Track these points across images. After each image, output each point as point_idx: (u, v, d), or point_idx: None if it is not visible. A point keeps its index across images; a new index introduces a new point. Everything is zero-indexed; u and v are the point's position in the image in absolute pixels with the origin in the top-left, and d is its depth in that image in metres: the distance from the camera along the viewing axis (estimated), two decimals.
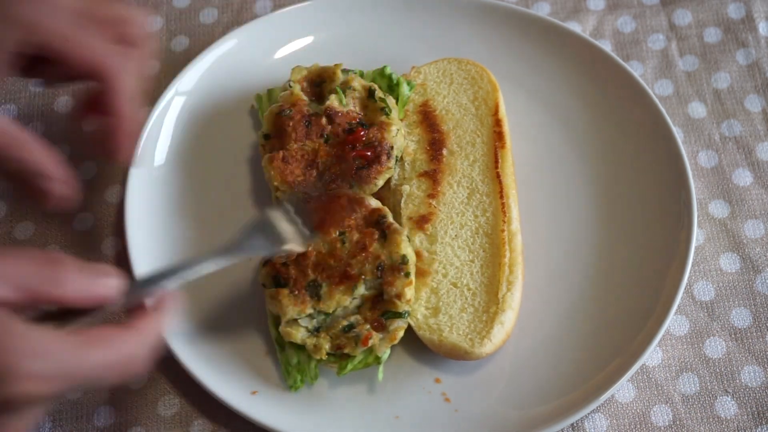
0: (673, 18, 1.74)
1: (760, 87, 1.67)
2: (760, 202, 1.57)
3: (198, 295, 1.48)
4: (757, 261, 1.53)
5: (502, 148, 1.53)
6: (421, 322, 1.41)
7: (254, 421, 1.38)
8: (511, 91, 1.63)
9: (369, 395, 1.43)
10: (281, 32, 1.68)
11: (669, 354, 1.47)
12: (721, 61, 1.70)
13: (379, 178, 1.47)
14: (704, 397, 1.44)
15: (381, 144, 1.47)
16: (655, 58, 1.71)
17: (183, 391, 1.46)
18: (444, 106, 1.59)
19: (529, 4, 1.76)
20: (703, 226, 1.56)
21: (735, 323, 1.49)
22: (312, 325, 1.38)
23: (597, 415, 1.43)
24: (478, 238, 1.48)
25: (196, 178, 1.58)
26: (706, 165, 1.61)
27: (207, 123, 1.62)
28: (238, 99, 1.64)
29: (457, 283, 1.44)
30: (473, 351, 1.38)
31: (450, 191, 1.51)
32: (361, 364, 1.38)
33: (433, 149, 1.54)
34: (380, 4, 1.69)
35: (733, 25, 1.72)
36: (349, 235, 1.41)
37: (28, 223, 1.60)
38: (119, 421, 1.45)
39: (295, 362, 1.40)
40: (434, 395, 1.42)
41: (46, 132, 1.68)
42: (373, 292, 1.39)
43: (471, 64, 1.62)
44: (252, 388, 1.42)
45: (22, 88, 1.72)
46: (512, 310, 1.41)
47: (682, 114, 1.65)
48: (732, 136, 1.63)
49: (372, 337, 1.36)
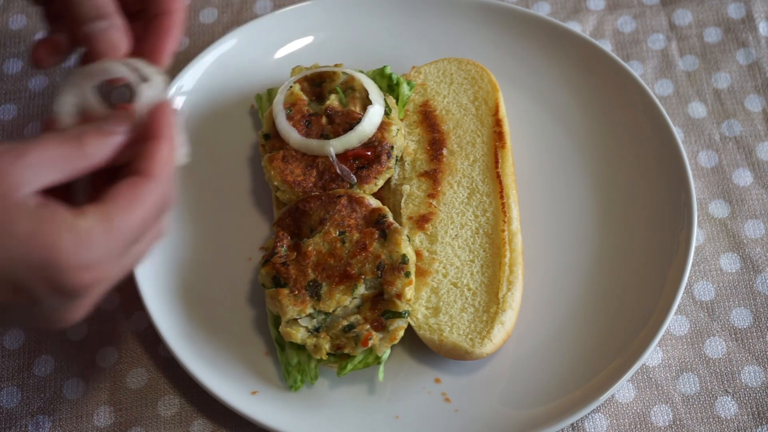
0: (673, 18, 1.74)
1: (760, 87, 1.67)
2: (760, 202, 1.57)
3: (198, 295, 1.48)
4: (757, 261, 1.53)
5: (503, 148, 1.53)
6: (422, 322, 1.41)
7: (254, 421, 1.38)
8: (512, 91, 1.63)
9: (369, 395, 1.43)
10: (281, 32, 1.68)
11: (669, 354, 1.47)
12: (722, 61, 1.70)
13: (379, 178, 1.47)
14: (704, 397, 1.44)
15: (381, 144, 1.47)
16: (655, 58, 1.71)
17: (183, 391, 1.46)
18: (444, 106, 1.59)
19: (529, 4, 1.76)
20: (703, 226, 1.56)
21: (735, 323, 1.49)
22: (312, 325, 1.38)
23: (597, 415, 1.43)
24: (478, 237, 1.48)
25: (196, 177, 1.58)
26: (706, 165, 1.61)
27: (207, 123, 1.62)
28: (238, 99, 1.64)
29: (458, 283, 1.44)
30: (473, 351, 1.38)
31: (450, 191, 1.51)
32: (361, 364, 1.38)
33: (433, 149, 1.54)
34: (380, 4, 1.69)
35: (733, 25, 1.72)
36: (350, 235, 1.41)
37: None
38: (119, 421, 1.45)
39: (295, 362, 1.40)
40: (434, 395, 1.42)
41: None
42: (373, 291, 1.39)
43: (471, 64, 1.62)
44: (252, 388, 1.42)
45: (22, 88, 1.72)
46: (512, 310, 1.41)
47: (682, 114, 1.65)
48: (732, 136, 1.63)
49: (372, 337, 1.36)
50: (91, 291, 1.04)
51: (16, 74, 1.74)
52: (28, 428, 1.46)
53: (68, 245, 1.00)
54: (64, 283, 1.01)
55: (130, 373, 1.48)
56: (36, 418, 1.46)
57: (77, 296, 1.03)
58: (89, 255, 1.01)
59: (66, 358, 1.50)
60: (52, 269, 1.00)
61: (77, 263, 1.00)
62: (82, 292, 1.03)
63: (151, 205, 1.07)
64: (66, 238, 1.00)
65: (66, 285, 1.01)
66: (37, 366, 1.50)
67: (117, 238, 1.03)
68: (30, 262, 0.99)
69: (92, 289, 1.04)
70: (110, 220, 1.03)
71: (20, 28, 1.78)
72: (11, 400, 1.47)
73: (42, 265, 0.99)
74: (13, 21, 1.79)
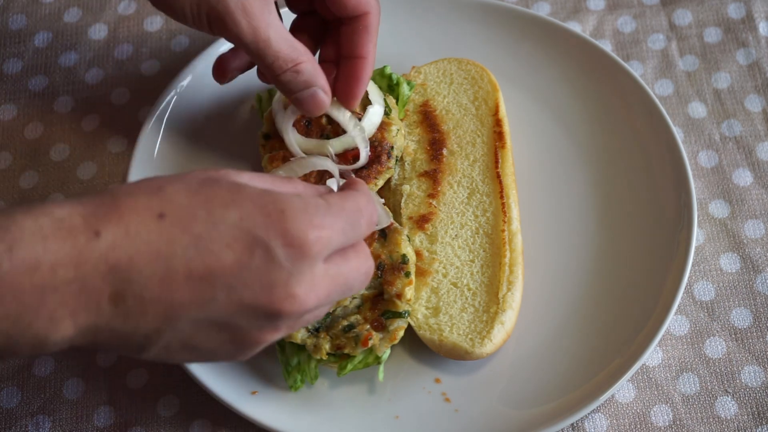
0: (673, 18, 1.74)
1: (760, 87, 1.67)
2: (760, 202, 1.57)
3: None
4: (757, 261, 1.53)
5: (503, 148, 1.53)
6: (422, 322, 1.41)
7: (254, 421, 1.38)
8: (512, 91, 1.63)
9: (369, 395, 1.43)
10: None
11: (669, 354, 1.47)
12: (722, 61, 1.70)
13: (379, 178, 1.47)
14: (704, 397, 1.44)
15: (381, 144, 1.47)
16: (655, 58, 1.71)
17: (183, 391, 1.46)
18: (444, 106, 1.59)
19: (529, 4, 1.76)
20: (703, 226, 1.56)
21: (735, 323, 1.49)
22: (312, 325, 1.38)
23: (597, 415, 1.43)
24: (478, 237, 1.48)
25: None
26: (706, 165, 1.61)
27: (207, 123, 1.62)
28: (238, 99, 1.64)
29: (458, 283, 1.44)
30: (473, 351, 1.38)
31: (450, 191, 1.51)
32: (362, 364, 1.38)
33: (433, 149, 1.54)
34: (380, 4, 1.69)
35: (733, 25, 1.72)
36: None
37: None
38: (119, 421, 1.45)
39: (295, 362, 1.40)
40: (434, 395, 1.42)
41: (46, 132, 1.68)
42: (373, 291, 1.39)
43: (471, 64, 1.62)
44: (252, 388, 1.42)
45: (22, 88, 1.72)
46: (512, 310, 1.41)
47: (682, 114, 1.65)
48: (732, 136, 1.63)
49: (372, 337, 1.36)
50: (317, 260, 1.05)
51: (16, 74, 1.74)
52: (28, 428, 1.46)
53: (297, 201, 1.04)
54: (295, 234, 1.02)
55: (130, 373, 1.48)
56: (36, 418, 1.46)
57: (307, 257, 1.03)
58: (315, 213, 1.04)
59: (66, 358, 1.50)
60: (284, 217, 1.02)
61: (307, 218, 1.03)
62: (314, 250, 1.03)
63: (359, 202, 1.12)
64: (294, 198, 1.05)
65: (297, 236, 1.02)
66: (37, 366, 1.50)
67: (334, 213, 1.07)
68: (263, 211, 1.02)
69: (318, 257, 1.05)
70: (327, 200, 1.08)
71: (20, 28, 1.78)
72: (11, 400, 1.47)
73: (275, 214, 1.02)
74: (13, 21, 1.79)
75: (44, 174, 1.65)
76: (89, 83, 1.73)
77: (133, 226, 0.98)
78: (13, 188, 1.64)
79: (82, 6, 1.80)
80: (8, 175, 1.65)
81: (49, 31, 1.77)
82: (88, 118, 1.70)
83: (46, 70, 1.74)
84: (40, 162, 1.66)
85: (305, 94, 1.38)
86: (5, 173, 1.65)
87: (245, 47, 1.33)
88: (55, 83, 1.73)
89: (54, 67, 1.74)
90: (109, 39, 1.76)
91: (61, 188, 1.63)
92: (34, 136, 1.68)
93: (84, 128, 1.69)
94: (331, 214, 1.06)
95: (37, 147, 1.67)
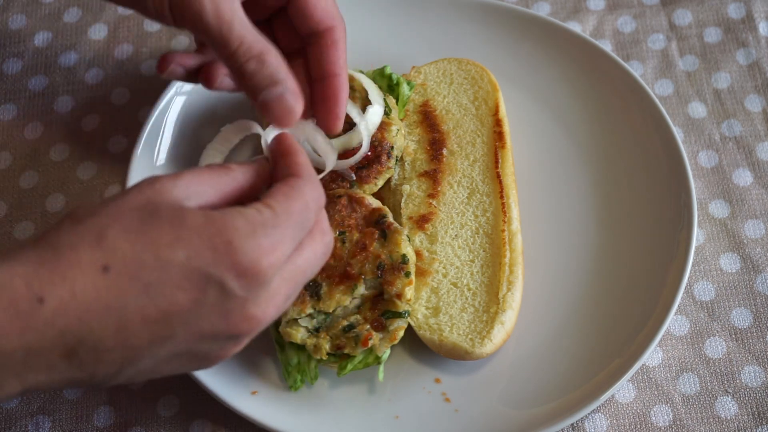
0: (673, 18, 1.74)
1: (760, 87, 1.67)
2: (760, 202, 1.57)
3: None
4: (757, 261, 1.53)
5: (503, 148, 1.53)
6: (422, 322, 1.41)
7: (254, 421, 1.38)
8: (512, 91, 1.63)
9: (369, 395, 1.43)
10: None
11: (669, 354, 1.47)
12: (721, 61, 1.70)
13: (379, 178, 1.47)
14: (704, 397, 1.44)
15: (381, 144, 1.47)
16: (655, 58, 1.71)
17: (183, 391, 1.46)
18: (444, 106, 1.59)
19: (529, 4, 1.76)
20: (703, 226, 1.56)
21: (735, 323, 1.49)
22: (312, 325, 1.38)
23: (597, 415, 1.43)
24: (478, 237, 1.48)
25: None
26: (706, 165, 1.61)
27: (207, 123, 1.62)
28: (238, 99, 1.64)
29: (458, 283, 1.44)
30: (473, 351, 1.38)
31: (450, 191, 1.51)
32: (361, 364, 1.38)
33: (433, 149, 1.54)
34: (380, 4, 1.69)
35: (733, 25, 1.72)
36: (349, 235, 1.41)
37: (27, 223, 1.61)
38: (119, 421, 1.45)
39: (295, 362, 1.40)
40: (434, 395, 1.42)
41: (46, 132, 1.68)
42: (373, 291, 1.39)
43: (471, 64, 1.62)
44: (252, 388, 1.42)
45: (22, 88, 1.72)
46: (512, 310, 1.41)
47: (682, 114, 1.65)
48: (732, 136, 1.63)
49: (372, 337, 1.36)
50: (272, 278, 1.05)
51: (16, 74, 1.74)
52: (28, 428, 1.45)
53: (242, 225, 1.03)
54: (246, 265, 1.02)
55: None
56: (36, 418, 1.46)
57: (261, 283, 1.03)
58: (263, 234, 1.03)
59: None
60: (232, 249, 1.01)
61: (255, 244, 1.02)
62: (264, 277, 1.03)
63: (305, 196, 1.10)
64: (238, 219, 1.03)
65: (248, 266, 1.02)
66: None
67: (282, 223, 1.06)
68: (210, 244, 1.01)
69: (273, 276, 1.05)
70: (272, 207, 1.06)
71: (20, 27, 1.78)
72: (11, 400, 1.47)
73: (222, 247, 1.01)
74: (12, 21, 1.79)
75: (44, 174, 1.65)
76: (89, 83, 1.73)
77: (79, 284, 0.97)
78: (13, 188, 1.64)
79: (82, 6, 1.80)
80: (8, 175, 1.65)
81: (49, 31, 1.77)
82: (88, 118, 1.70)
83: (46, 70, 1.74)
84: (40, 162, 1.66)
85: (272, 95, 1.22)
86: (5, 173, 1.65)
87: (207, 32, 1.20)
88: (55, 83, 1.73)
89: (54, 67, 1.74)
90: (109, 39, 1.76)
91: (61, 188, 1.63)
92: (34, 136, 1.68)
93: (84, 128, 1.69)
94: (279, 226, 1.05)
95: (37, 147, 1.67)
